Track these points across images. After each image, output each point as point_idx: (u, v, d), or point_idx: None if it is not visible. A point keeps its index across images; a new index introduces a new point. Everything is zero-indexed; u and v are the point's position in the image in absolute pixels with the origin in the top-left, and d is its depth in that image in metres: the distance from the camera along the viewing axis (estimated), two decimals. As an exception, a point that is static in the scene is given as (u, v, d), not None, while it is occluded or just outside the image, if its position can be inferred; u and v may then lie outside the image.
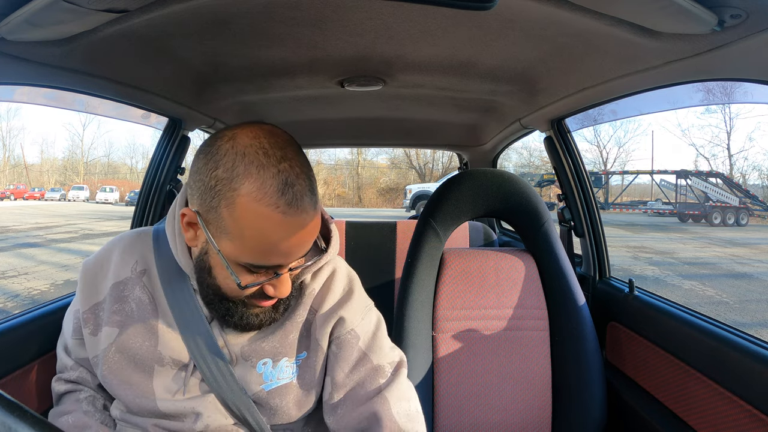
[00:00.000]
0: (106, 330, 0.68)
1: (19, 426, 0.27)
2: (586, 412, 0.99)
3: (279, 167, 0.54)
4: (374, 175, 27.75)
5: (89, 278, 0.71)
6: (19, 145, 32.96)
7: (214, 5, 0.72)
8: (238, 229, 0.54)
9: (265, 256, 0.56)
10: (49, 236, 10.48)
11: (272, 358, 0.67)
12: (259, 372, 0.67)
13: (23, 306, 4.80)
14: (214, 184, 0.54)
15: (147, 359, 0.66)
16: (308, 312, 0.70)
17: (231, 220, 0.54)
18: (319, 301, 0.71)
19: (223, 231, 0.55)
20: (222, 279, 0.60)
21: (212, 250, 0.58)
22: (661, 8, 0.59)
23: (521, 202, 1.10)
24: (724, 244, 10.50)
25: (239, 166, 0.53)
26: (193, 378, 0.66)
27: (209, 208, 0.55)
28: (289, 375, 0.68)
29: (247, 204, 0.53)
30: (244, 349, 0.67)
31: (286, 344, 0.68)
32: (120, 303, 0.68)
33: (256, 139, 0.55)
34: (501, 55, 0.98)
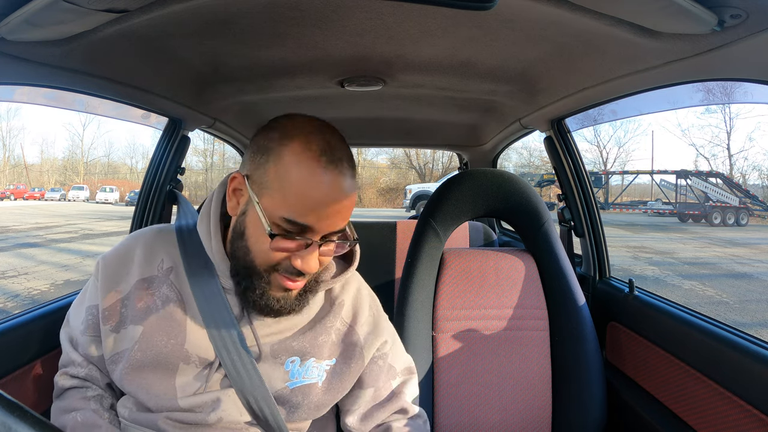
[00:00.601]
0: (132, 328, 0.67)
1: (19, 426, 0.27)
2: (586, 412, 0.99)
3: (325, 136, 0.61)
4: (374, 175, 27.76)
5: (110, 273, 0.70)
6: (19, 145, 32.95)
7: (214, 5, 0.72)
8: (280, 180, 0.59)
9: (301, 211, 0.59)
10: (49, 236, 10.48)
11: (300, 357, 0.70)
12: (287, 369, 0.69)
13: (23, 306, 4.80)
14: (266, 143, 0.62)
15: (172, 357, 0.66)
16: (339, 321, 0.74)
17: (275, 174, 0.59)
18: (352, 315, 0.76)
19: (266, 186, 0.60)
20: (254, 240, 0.61)
21: (251, 209, 0.62)
22: (661, 8, 0.59)
23: (521, 202, 1.10)
24: (724, 244, 10.50)
25: (293, 130, 0.61)
26: (216, 374, 0.67)
27: (257, 167, 0.61)
28: (315, 376, 0.70)
29: (292, 156, 0.59)
30: (274, 347, 0.68)
31: (315, 346, 0.71)
32: (146, 300, 0.68)
33: (310, 118, 0.64)
34: (501, 55, 0.98)
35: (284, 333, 0.70)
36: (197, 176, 27.30)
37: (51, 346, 0.89)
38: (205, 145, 27.33)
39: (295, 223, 0.59)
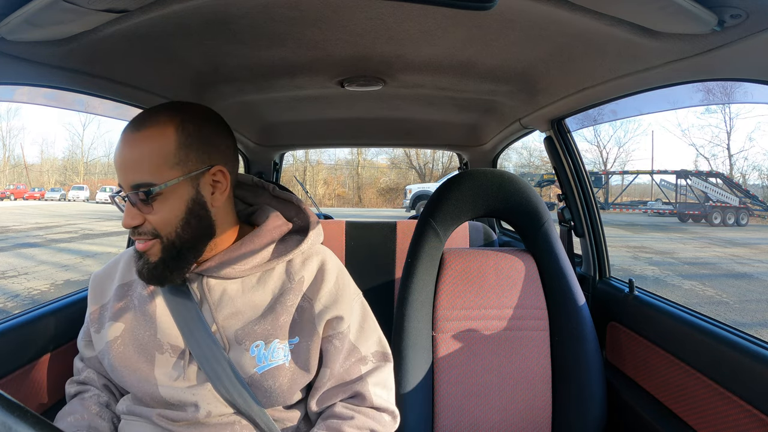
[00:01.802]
0: (111, 324, 0.73)
1: (19, 426, 0.27)
2: (586, 412, 0.99)
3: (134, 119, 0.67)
4: (374, 175, 27.75)
5: (96, 286, 0.79)
6: (19, 145, 32.95)
7: (214, 5, 0.72)
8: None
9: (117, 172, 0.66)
10: (49, 236, 10.48)
11: (264, 340, 0.70)
12: (252, 354, 0.69)
13: (23, 306, 4.80)
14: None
15: (149, 347, 0.70)
16: (301, 299, 0.73)
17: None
18: (313, 290, 0.74)
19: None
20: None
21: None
22: (661, 8, 0.59)
23: (521, 202, 1.10)
24: (724, 244, 10.50)
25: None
26: (191, 366, 0.69)
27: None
28: (281, 357, 0.70)
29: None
30: (237, 333, 0.70)
31: (277, 327, 0.71)
32: (125, 300, 0.75)
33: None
34: (501, 55, 0.98)
35: (246, 315, 0.71)
36: (197, 176, 27.18)
37: (51, 346, 0.89)
38: (205, 145, 27.24)
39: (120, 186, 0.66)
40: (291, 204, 0.81)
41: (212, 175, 0.68)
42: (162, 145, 0.64)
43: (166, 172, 0.64)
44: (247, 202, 0.83)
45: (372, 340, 0.79)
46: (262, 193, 0.83)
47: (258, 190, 0.83)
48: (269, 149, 2.06)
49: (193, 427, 0.68)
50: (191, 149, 0.66)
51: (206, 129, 0.68)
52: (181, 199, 0.66)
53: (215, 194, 0.69)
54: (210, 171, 0.68)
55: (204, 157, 0.67)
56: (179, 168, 0.65)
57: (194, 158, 0.66)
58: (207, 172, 0.68)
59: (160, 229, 0.66)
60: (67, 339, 0.92)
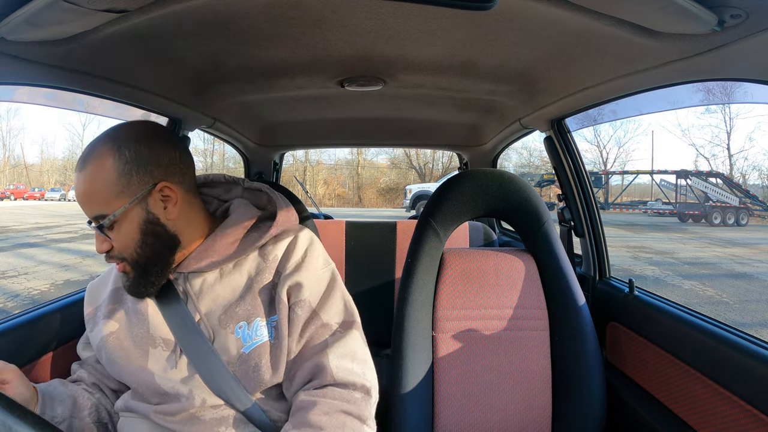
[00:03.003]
0: (105, 322, 0.77)
1: (19, 426, 0.27)
2: (586, 412, 0.99)
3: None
4: (374, 175, 27.74)
5: (92, 291, 0.84)
6: (19, 145, 32.95)
7: (214, 5, 0.72)
8: None
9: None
10: (49, 236, 10.48)
11: (246, 320, 0.73)
12: (237, 336, 0.73)
13: (23, 306, 4.80)
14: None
15: (143, 342, 0.74)
16: (274, 275, 0.77)
17: None
18: (283, 264, 0.77)
19: None
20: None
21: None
22: (661, 8, 0.59)
23: (521, 202, 1.09)
24: (724, 244, 10.49)
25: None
26: (182, 357, 0.73)
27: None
28: (264, 335, 0.73)
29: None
30: (220, 318, 0.73)
31: (257, 305, 0.74)
32: (119, 302, 0.80)
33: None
34: (501, 55, 0.98)
35: (226, 299, 0.74)
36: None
37: (51, 346, 0.89)
38: (205, 145, 27.34)
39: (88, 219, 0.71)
40: (262, 193, 0.86)
41: (159, 192, 0.71)
42: (103, 178, 0.67)
43: (113, 201, 0.68)
44: (222, 199, 0.87)
45: (337, 309, 0.77)
46: (234, 188, 0.88)
47: (230, 186, 0.88)
48: (269, 149, 2.06)
49: (189, 423, 0.71)
50: (131, 174, 0.68)
51: (143, 149, 0.70)
52: (134, 223, 0.70)
53: (167, 208, 0.72)
54: (155, 189, 0.71)
55: (146, 177, 0.70)
56: (124, 195, 0.68)
57: (136, 181, 0.69)
58: (152, 191, 0.70)
59: (122, 252, 0.71)
60: (67, 339, 0.92)
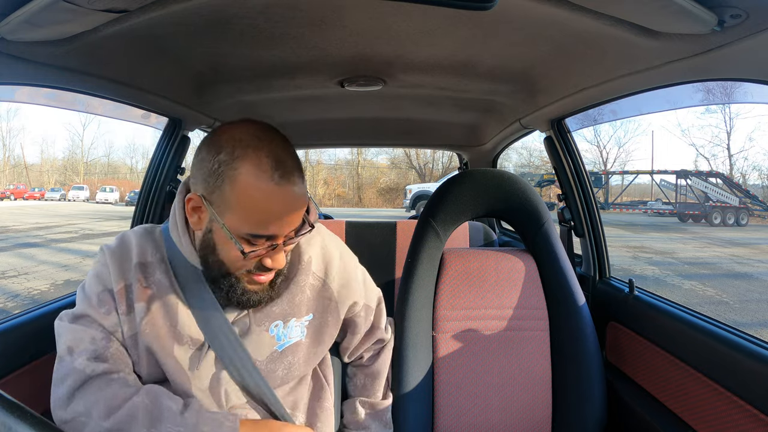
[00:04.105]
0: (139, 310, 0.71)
1: (19, 426, 0.27)
2: (586, 412, 0.99)
3: (270, 147, 0.63)
4: (374, 175, 27.75)
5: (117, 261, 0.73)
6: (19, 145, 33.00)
7: (214, 5, 0.72)
8: (240, 203, 0.62)
9: (264, 225, 0.64)
10: (49, 236, 10.48)
11: (282, 319, 0.76)
12: (272, 334, 0.75)
13: (23, 306, 4.80)
14: (217, 167, 0.63)
15: (168, 338, 0.71)
16: (312, 277, 0.80)
17: (233, 196, 0.62)
18: (323, 269, 0.82)
19: (226, 207, 0.64)
20: (225, 253, 0.67)
21: (216, 227, 0.65)
22: (661, 8, 0.59)
23: (521, 202, 1.09)
24: (724, 244, 10.50)
25: (237, 149, 0.62)
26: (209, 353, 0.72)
27: (213, 189, 0.64)
28: (298, 334, 0.78)
29: (246, 179, 0.62)
30: (257, 317, 0.75)
31: (294, 306, 0.77)
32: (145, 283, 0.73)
33: (248, 129, 0.65)
34: (501, 55, 0.98)
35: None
36: (197, 176, 27.19)
37: (51, 346, 0.89)
38: (205, 145, 27.26)
39: (260, 236, 0.65)
40: None
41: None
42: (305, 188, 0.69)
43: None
44: None
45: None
46: None
47: None
48: None
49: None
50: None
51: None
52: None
53: None
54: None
55: None
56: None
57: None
58: None
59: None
60: (67, 339, 0.92)
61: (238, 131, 0.64)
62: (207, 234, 0.67)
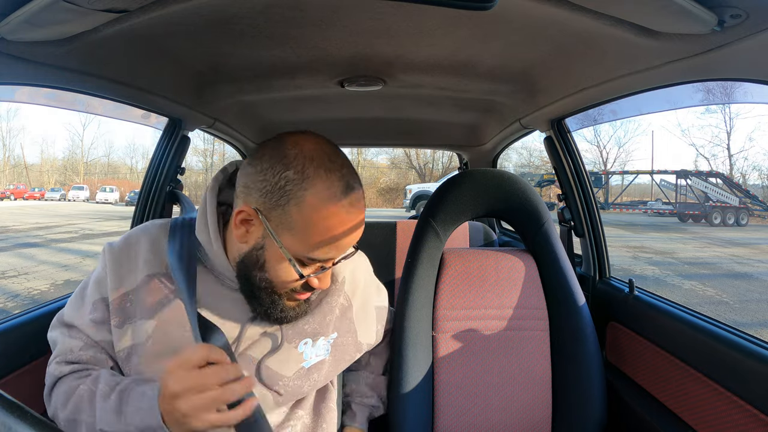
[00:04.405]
0: (142, 323, 0.67)
1: (19, 426, 0.27)
2: (586, 412, 0.99)
3: (342, 172, 0.62)
4: (374, 175, 27.73)
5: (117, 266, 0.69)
6: (19, 145, 33.01)
7: (214, 5, 0.72)
8: (305, 225, 0.60)
9: (325, 250, 0.63)
10: (49, 236, 10.48)
11: (312, 338, 0.75)
12: (300, 351, 0.74)
13: (23, 306, 4.80)
14: (283, 183, 0.60)
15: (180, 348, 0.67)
16: (342, 297, 0.81)
17: (299, 217, 0.60)
18: (352, 290, 0.83)
19: (287, 227, 0.61)
20: (275, 272, 0.64)
21: (270, 245, 0.63)
22: (661, 8, 0.59)
23: (522, 202, 1.09)
24: (724, 244, 10.50)
25: (309, 168, 0.60)
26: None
27: (274, 206, 0.60)
28: (323, 352, 0.77)
29: (316, 202, 0.59)
30: (288, 333, 0.73)
31: (324, 325, 0.77)
32: (157, 294, 0.68)
33: (319, 146, 0.62)
34: (501, 55, 0.98)
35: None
36: (197, 176, 27.29)
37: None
38: (205, 145, 27.35)
39: (318, 259, 0.64)
40: None
41: None
42: None
43: None
44: None
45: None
46: None
47: None
48: None
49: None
50: None
51: None
52: None
53: None
54: None
55: None
56: None
57: None
58: None
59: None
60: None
61: (309, 147, 0.61)
62: (257, 250, 0.64)
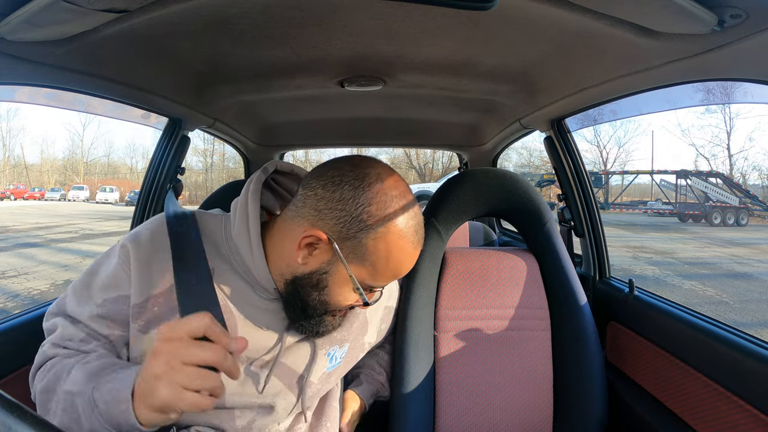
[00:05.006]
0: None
1: (19, 426, 0.27)
2: (587, 412, 0.99)
3: (414, 210, 0.66)
4: (374, 175, 27.66)
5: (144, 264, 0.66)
6: (19, 145, 33.02)
7: (214, 5, 0.72)
8: (377, 258, 0.63)
9: (386, 280, 0.67)
10: (49, 236, 10.48)
11: (339, 344, 0.79)
12: (328, 356, 0.77)
13: (23, 306, 4.80)
14: (365, 217, 0.62)
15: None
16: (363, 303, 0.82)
17: (374, 249, 0.63)
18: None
19: (357, 257, 0.63)
20: (334, 295, 0.67)
21: (335, 272, 0.65)
22: (661, 8, 0.59)
23: (523, 201, 1.09)
24: (724, 244, 10.50)
25: (391, 206, 0.63)
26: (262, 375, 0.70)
27: (349, 236, 0.62)
28: (340, 357, 0.81)
29: (393, 239, 0.63)
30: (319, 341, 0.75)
31: (351, 332, 0.82)
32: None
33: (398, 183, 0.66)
34: (501, 55, 0.98)
35: None
36: (197, 176, 27.30)
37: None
38: (205, 145, 27.34)
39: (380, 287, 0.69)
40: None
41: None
42: None
43: None
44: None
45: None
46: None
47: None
48: (269, 149, 2.06)
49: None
50: None
51: None
52: None
53: None
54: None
55: None
56: None
57: None
58: None
59: None
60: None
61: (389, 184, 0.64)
62: (320, 274, 0.65)
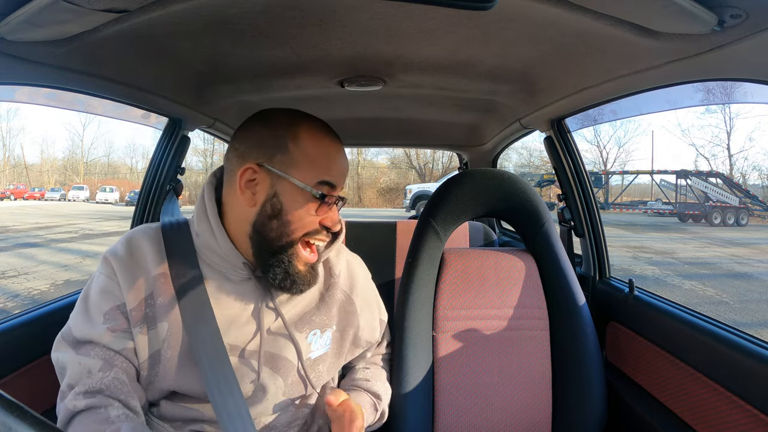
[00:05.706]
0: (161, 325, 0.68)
1: (19, 426, 0.27)
2: (586, 412, 0.99)
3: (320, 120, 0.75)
4: (374, 175, 27.74)
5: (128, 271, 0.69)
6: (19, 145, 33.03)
7: (214, 5, 0.72)
8: (306, 154, 0.70)
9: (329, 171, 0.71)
10: (49, 236, 10.48)
11: (320, 329, 0.79)
12: (309, 342, 0.77)
13: (23, 306, 4.80)
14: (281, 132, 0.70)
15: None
16: (339, 291, 0.84)
17: (298, 150, 0.70)
18: (349, 285, 0.86)
19: (290, 164, 0.69)
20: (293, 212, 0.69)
21: (283, 187, 0.69)
22: (661, 8, 0.59)
23: (522, 202, 1.09)
24: (724, 244, 10.50)
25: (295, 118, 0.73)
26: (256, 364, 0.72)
27: (274, 152, 0.69)
28: (326, 344, 0.80)
29: (308, 133, 0.71)
30: (297, 324, 0.77)
31: (330, 317, 0.81)
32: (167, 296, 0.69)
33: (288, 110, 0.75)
34: (501, 55, 0.98)
35: (302, 305, 0.78)
36: (197, 176, 27.29)
37: (51, 346, 0.89)
38: (205, 145, 27.34)
39: (328, 182, 0.71)
40: None
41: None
42: None
43: None
44: None
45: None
46: None
47: None
48: None
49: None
50: None
51: None
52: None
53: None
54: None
55: None
56: None
57: None
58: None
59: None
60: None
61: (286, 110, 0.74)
62: (270, 200, 0.69)
